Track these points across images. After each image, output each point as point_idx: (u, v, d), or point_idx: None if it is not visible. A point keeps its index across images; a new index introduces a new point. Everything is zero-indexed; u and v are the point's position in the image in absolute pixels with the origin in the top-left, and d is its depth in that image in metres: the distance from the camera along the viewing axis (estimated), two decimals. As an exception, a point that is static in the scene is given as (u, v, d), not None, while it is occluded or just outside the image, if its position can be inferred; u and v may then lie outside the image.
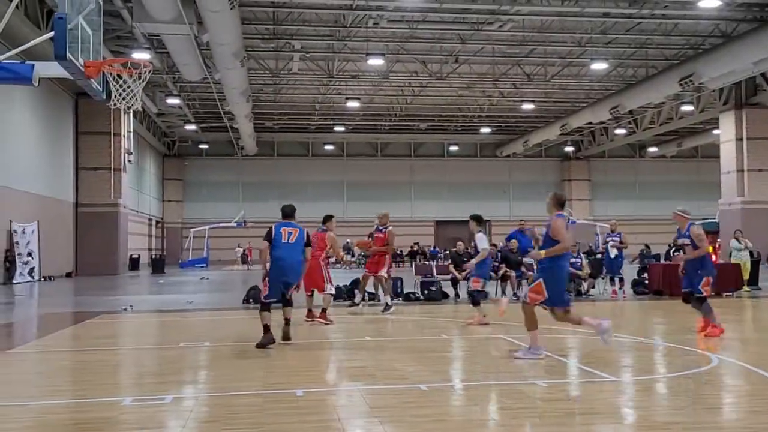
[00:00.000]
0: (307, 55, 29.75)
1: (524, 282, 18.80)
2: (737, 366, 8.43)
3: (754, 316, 15.35)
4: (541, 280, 8.74)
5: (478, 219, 13.43)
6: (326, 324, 12.47)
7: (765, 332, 12.37)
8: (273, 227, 10.33)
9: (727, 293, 18.85)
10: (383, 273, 14.84)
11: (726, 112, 33.90)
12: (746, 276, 19.98)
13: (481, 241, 12.92)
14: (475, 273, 12.92)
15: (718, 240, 27.93)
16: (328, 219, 13.53)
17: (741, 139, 33.02)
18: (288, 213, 10.65)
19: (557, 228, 8.70)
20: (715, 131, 37.23)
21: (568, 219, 9.30)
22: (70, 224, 33.10)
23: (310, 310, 12.88)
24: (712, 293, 10.92)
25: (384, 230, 14.84)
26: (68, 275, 31.72)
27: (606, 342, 8.59)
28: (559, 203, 9.11)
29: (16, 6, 9.06)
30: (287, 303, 10.24)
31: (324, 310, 12.72)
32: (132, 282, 28.90)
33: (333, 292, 13.17)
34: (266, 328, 9.81)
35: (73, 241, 33.15)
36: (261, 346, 9.62)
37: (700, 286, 10.83)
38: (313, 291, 12.91)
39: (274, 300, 10.06)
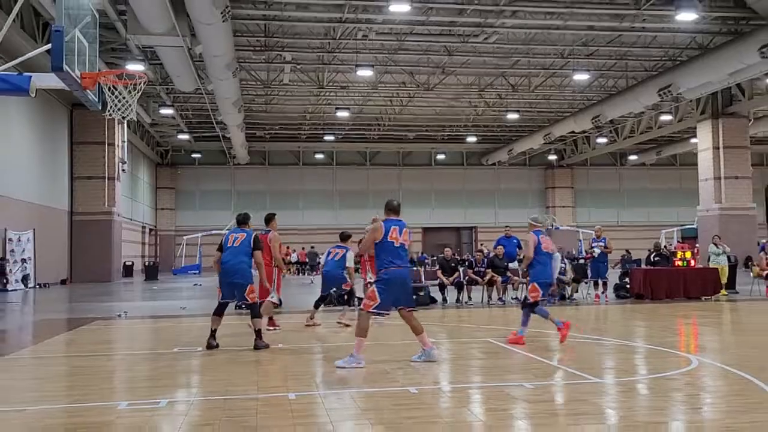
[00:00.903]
0: (298, 67, 29.78)
1: (510, 286, 18.90)
2: (717, 367, 8.47)
3: (733, 318, 15.43)
4: (374, 288, 8.79)
5: (343, 237, 14.01)
6: (271, 330, 11.99)
7: (743, 334, 12.44)
8: (224, 236, 10.63)
9: (706, 297, 18.98)
10: (368, 278, 15.04)
11: (703, 122, 34.12)
12: (724, 280, 20.13)
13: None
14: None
15: (697, 245, 28.11)
16: (270, 218, 12.64)
17: (718, 148, 33.24)
18: (239, 220, 10.82)
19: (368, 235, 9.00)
20: (693, 140, 37.46)
21: (553, 225, 9.22)
22: (65, 232, 32.95)
23: (270, 318, 12.35)
24: (543, 299, 10.77)
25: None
26: (63, 282, 31.57)
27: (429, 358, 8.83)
28: (389, 210, 9.11)
29: (13, 19, 9.05)
30: (254, 314, 10.21)
31: (270, 318, 12.28)
32: (126, 289, 28.78)
33: (275, 300, 12.36)
34: (212, 332, 10.23)
35: (67, 248, 33.00)
36: (207, 347, 10.10)
37: (528, 291, 10.82)
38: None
39: (226, 301, 10.36)
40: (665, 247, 26.02)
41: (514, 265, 19.06)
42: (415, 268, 18.97)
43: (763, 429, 5.48)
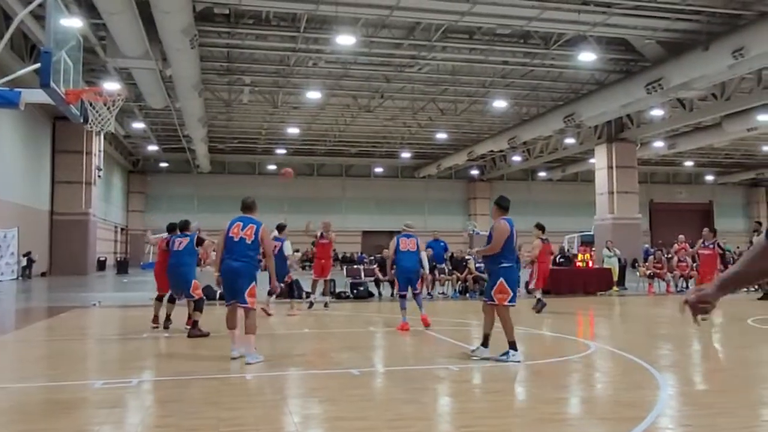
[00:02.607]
0: (256, 89, 29.49)
1: (437, 282, 19.06)
2: (609, 351, 8.70)
3: (622, 311, 15.85)
4: (254, 284, 7.88)
5: (279, 228, 14.55)
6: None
7: (631, 324, 12.79)
8: (171, 240, 10.67)
9: (601, 292, 19.44)
10: (327, 277, 15.14)
11: (600, 145, 34.95)
12: (616, 278, 20.64)
13: None
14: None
15: (593, 249, 28.76)
16: (185, 225, 10.96)
17: (611, 167, 34.08)
18: (181, 227, 10.77)
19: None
20: (592, 160, 38.27)
21: (474, 230, 9.34)
22: (46, 230, 32.02)
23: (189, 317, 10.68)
24: (404, 292, 11.25)
25: (327, 238, 15.14)
26: (43, 275, 30.63)
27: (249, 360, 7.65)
28: (242, 206, 8.26)
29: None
30: (196, 307, 10.13)
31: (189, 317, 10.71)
32: (100, 281, 28.08)
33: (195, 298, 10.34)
34: (167, 316, 10.68)
35: (48, 244, 32.06)
36: (164, 327, 10.58)
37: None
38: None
39: (168, 294, 10.68)
40: (568, 250, 26.55)
41: (442, 264, 19.22)
42: (356, 267, 18.90)
43: (646, 402, 5.66)
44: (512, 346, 7.82)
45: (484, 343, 7.99)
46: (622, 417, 5.28)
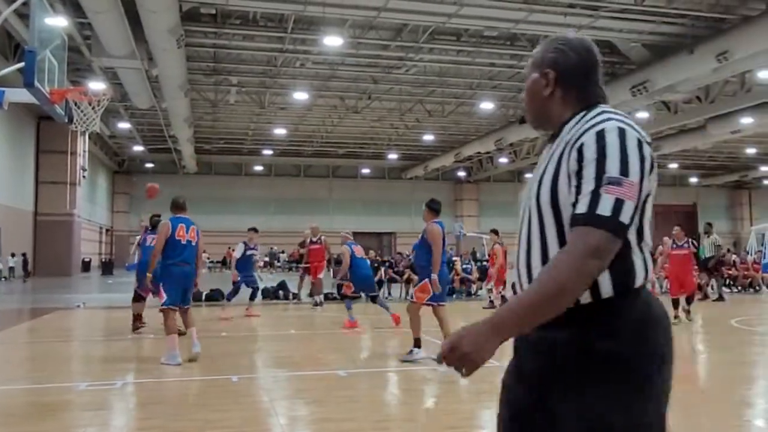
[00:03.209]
0: (243, 89, 29.40)
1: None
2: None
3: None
4: (161, 285, 7.89)
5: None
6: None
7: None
8: (143, 237, 11.05)
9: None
10: (320, 276, 15.34)
11: (586, 147, 35.10)
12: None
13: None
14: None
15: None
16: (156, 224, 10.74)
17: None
18: (153, 224, 10.92)
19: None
20: (578, 162, 38.34)
21: (461, 232, 9.33)
22: (30, 231, 31.77)
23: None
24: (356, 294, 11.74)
25: (318, 242, 15.29)
26: (27, 276, 30.37)
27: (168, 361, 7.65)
28: (176, 207, 8.24)
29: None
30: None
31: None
32: (84, 282, 27.89)
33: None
34: (138, 316, 10.68)
35: (32, 245, 31.80)
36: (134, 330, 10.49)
37: (345, 287, 11.96)
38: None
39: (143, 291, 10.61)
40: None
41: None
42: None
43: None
44: (417, 343, 7.98)
45: None
46: (608, 418, 5.30)
